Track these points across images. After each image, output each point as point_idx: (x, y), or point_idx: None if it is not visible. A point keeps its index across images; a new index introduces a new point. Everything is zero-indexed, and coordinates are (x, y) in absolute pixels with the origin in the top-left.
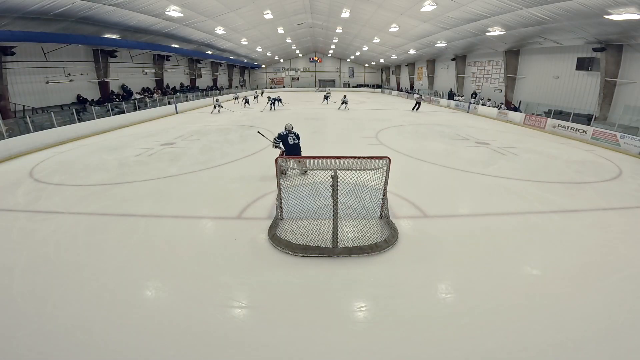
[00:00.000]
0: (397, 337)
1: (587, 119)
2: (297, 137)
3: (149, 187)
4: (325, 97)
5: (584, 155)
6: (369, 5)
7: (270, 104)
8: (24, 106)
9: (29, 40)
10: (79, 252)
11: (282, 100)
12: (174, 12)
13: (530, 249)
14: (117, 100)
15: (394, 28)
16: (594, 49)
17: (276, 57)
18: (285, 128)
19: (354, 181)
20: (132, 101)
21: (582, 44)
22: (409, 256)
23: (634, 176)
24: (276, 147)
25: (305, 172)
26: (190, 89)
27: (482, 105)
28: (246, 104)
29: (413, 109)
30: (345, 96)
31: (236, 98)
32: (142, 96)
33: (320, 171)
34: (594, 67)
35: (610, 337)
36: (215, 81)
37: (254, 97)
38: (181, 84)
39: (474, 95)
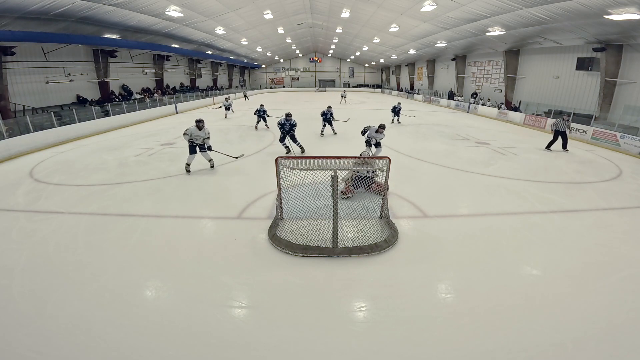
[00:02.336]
0: (397, 337)
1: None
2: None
3: (149, 187)
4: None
5: (584, 155)
6: (369, 5)
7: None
8: (24, 106)
9: (29, 40)
10: (79, 252)
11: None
12: (174, 12)
13: (530, 249)
14: (117, 100)
15: (394, 28)
16: (594, 49)
17: (276, 57)
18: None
19: None
20: (132, 101)
21: (582, 44)
22: (409, 256)
23: (634, 176)
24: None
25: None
26: (190, 89)
27: (482, 105)
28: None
29: (550, 145)
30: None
31: (224, 106)
32: (142, 96)
33: (320, 171)
34: (594, 67)
35: (610, 337)
36: (215, 81)
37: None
38: (181, 84)
39: (474, 96)
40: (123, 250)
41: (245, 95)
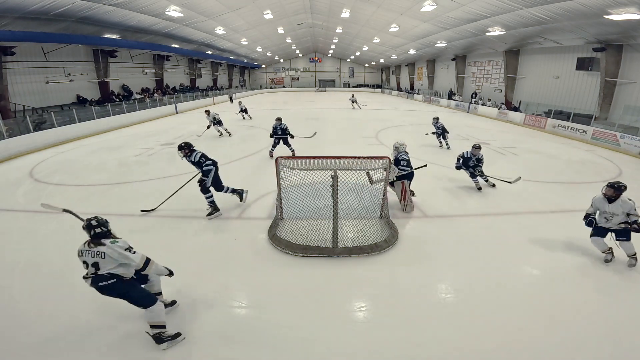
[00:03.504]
0: (397, 337)
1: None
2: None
3: (149, 187)
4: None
5: (584, 155)
6: (369, 5)
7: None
8: (24, 106)
9: (29, 40)
10: None
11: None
12: (173, 12)
13: (530, 248)
14: (117, 100)
15: (394, 28)
16: (594, 49)
17: (276, 57)
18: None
19: (354, 181)
20: (132, 101)
21: (582, 44)
22: (409, 256)
23: (634, 176)
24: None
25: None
26: (191, 89)
27: (482, 105)
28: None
29: None
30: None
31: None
32: (142, 96)
33: (320, 171)
34: (594, 67)
35: (610, 336)
36: (215, 81)
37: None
38: (181, 84)
39: (473, 96)
40: None
41: (230, 98)
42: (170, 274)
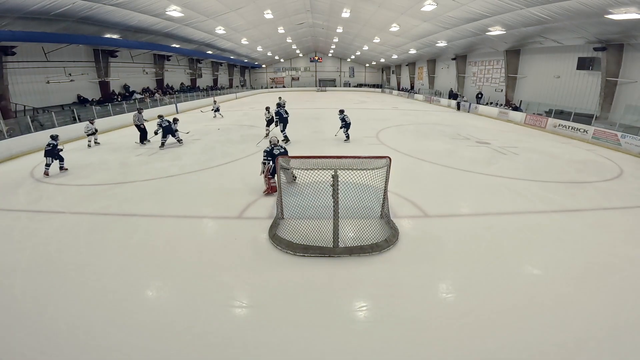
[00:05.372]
0: (398, 337)
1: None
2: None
3: (150, 187)
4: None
5: (585, 155)
6: (370, 5)
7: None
8: (24, 106)
9: (30, 40)
10: (80, 251)
11: None
12: (174, 12)
13: (531, 248)
14: (118, 100)
15: (394, 28)
16: (595, 49)
17: (277, 57)
18: (271, 142)
19: (354, 181)
20: (132, 101)
21: (583, 43)
22: (409, 256)
23: (635, 175)
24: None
25: (295, 179)
26: (191, 89)
27: (488, 104)
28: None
29: None
30: None
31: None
32: (143, 96)
33: (320, 171)
34: (594, 67)
35: (611, 336)
36: (215, 81)
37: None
38: (182, 84)
39: (479, 96)
40: (124, 250)
41: (215, 110)
42: None
